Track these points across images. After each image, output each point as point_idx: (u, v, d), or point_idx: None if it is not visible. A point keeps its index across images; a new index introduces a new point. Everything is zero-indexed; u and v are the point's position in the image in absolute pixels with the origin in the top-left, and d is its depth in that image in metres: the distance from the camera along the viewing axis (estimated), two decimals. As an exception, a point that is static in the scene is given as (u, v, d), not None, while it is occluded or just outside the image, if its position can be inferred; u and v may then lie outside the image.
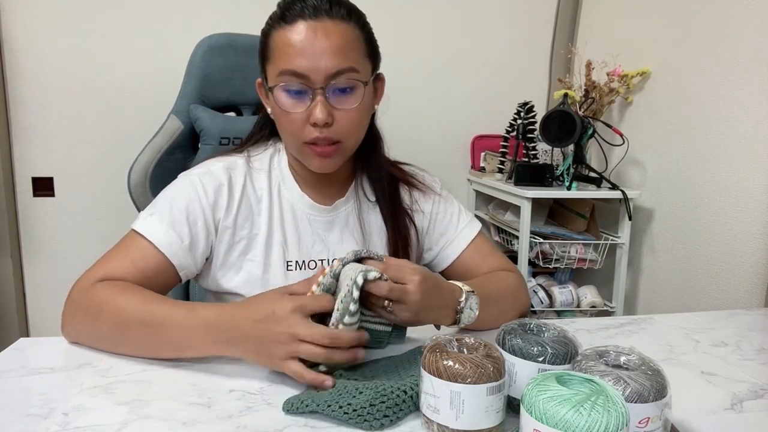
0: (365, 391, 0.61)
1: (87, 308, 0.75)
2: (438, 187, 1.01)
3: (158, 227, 0.81)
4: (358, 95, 0.81)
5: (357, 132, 0.85)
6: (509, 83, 2.11)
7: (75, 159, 1.81)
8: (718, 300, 1.48)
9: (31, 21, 1.73)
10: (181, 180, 0.87)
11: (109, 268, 0.78)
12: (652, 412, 0.50)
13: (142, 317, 0.72)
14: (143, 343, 0.72)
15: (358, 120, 0.84)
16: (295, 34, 0.78)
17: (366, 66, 0.83)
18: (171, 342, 0.71)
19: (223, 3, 1.82)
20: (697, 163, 1.55)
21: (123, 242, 0.82)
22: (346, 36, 0.79)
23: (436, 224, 0.98)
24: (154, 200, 0.86)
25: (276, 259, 0.88)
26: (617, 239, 1.73)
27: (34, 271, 1.85)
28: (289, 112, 0.80)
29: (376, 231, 0.94)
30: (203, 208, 0.84)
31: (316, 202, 0.91)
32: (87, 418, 0.58)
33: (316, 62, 0.77)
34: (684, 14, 1.60)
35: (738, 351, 0.83)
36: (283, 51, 0.79)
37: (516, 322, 0.66)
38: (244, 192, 0.88)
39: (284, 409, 0.61)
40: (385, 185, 0.94)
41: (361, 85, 0.81)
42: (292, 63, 0.78)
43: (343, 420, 0.58)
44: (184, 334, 0.71)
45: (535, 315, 1.78)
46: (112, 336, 0.74)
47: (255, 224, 0.88)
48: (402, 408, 0.60)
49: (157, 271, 0.80)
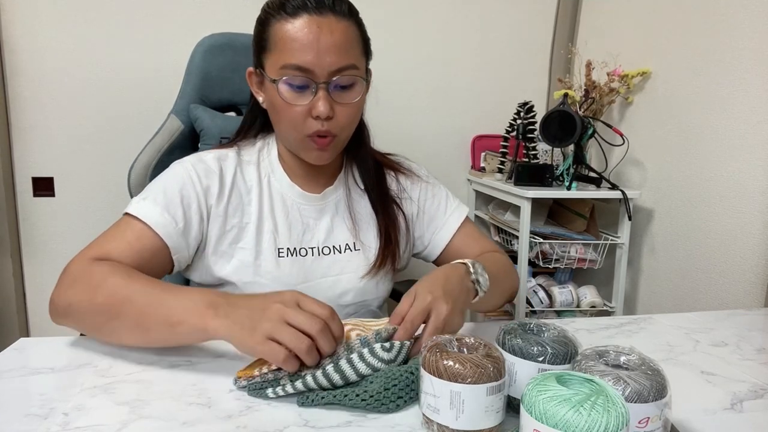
0: (375, 380, 0.63)
1: (86, 281, 0.74)
2: (424, 174, 1.04)
3: (153, 210, 0.81)
4: (358, 91, 0.84)
5: (352, 126, 0.88)
6: (509, 83, 2.11)
7: (75, 159, 1.81)
8: (718, 300, 1.48)
9: (31, 21, 1.72)
10: (173, 167, 0.89)
11: (105, 248, 0.78)
12: (652, 412, 0.50)
13: (143, 290, 0.71)
14: (137, 319, 0.70)
15: (356, 115, 0.86)
16: (299, 27, 0.78)
17: (363, 63, 0.86)
18: (166, 316, 0.69)
19: (223, 3, 1.82)
20: (697, 163, 1.55)
21: (117, 225, 0.82)
22: (347, 33, 0.81)
23: (425, 210, 1.00)
24: (147, 186, 0.86)
25: (267, 246, 0.89)
26: (617, 239, 1.73)
27: (34, 271, 1.85)
28: (291, 104, 0.81)
29: (365, 218, 0.96)
30: (197, 192, 0.85)
31: (305, 191, 0.92)
32: (87, 418, 0.58)
33: (321, 58, 0.78)
34: (684, 14, 1.60)
35: (738, 351, 0.83)
36: (286, 44, 0.79)
37: (516, 322, 0.66)
38: (234, 182, 0.89)
39: (299, 403, 0.62)
40: (373, 173, 0.97)
41: (361, 81, 0.83)
42: (297, 58, 0.78)
43: (361, 406, 0.61)
44: (179, 306, 0.69)
45: (535, 315, 1.78)
46: (107, 310, 0.71)
47: (245, 213, 0.89)
48: (413, 388, 0.63)
49: (152, 252, 0.80)
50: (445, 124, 2.08)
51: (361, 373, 0.64)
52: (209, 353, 0.75)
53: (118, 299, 0.71)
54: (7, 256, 1.78)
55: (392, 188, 0.99)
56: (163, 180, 0.86)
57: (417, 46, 2.00)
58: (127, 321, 0.71)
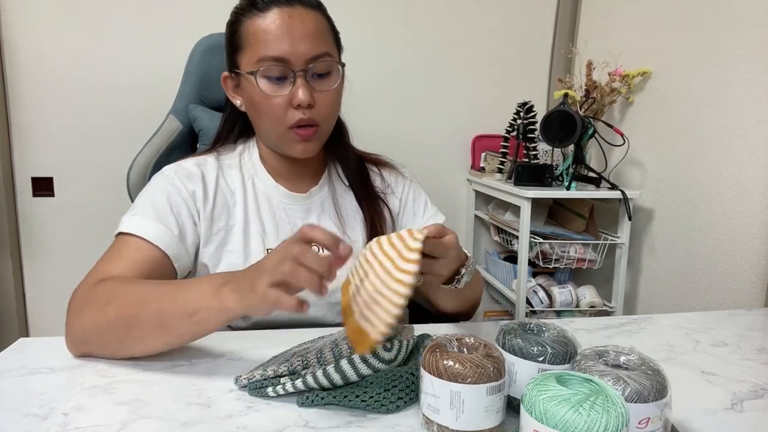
0: (376, 381, 0.63)
1: (94, 302, 0.71)
2: (408, 174, 1.05)
3: (145, 223, 0.81)
4: (335, 77, 0.85)
5: (333, 115, 0.89)
6: (509, 83, 2.11)
7: (75, 159, 1.81)
8: (718, 300, 1.48)
9: (31, 21, 1.72)
10: (155, 179, 0.89)
11: (106, 270, 0.77)
12: (652, 412, 0.50)
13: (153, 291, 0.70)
14: (154, 319, 0.68)
15: (336, 103, 0.87)
16: (271, 20, 0.80)
17: (336, 53, 0.87)
18: (182, 308, 0.66)
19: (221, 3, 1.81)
20: (697, 163, 1.55)
21: (113, 247, 0.81)
22: (318, 23, 0.83)
23: (406, 210, 1.02)
24: (133, 204, 0.86)
25: (255, 248, 0.88)
26: (617, 239, 1.73)
27: (34, 271, 1.85)
28: (271, 96, 0.81)
29: (351, 213, 0.96)
30: (183, 198, 0.85)
31: (291, 192, 0.93)
32: (87, 418, 0.58)
33: (296, 47, 0.79)
34: (684, 14, 1.60)
35: (738, 351, 0.83)
36: (259, 38, 0.80)
37: (516, 322, 0.66)
38: (217, 185, 0.89)
39: (299, 403, 0.62)
40: (356, 169, 0.98)
41: (337, 68, 0.85)
42: (273, 49, 0.79)
43: (361, 407, 0.61)
44: (192, 295, 0.67)
45: (535, 315, 1.78)
46: (123, 321, 0.69)
47: (231, 216, 0.89)
48: (413, 389, 0.63)
49: (153, 264, 0.79)
50: (445, 124, 2.08)
51: (361, 374, 0.63)
52: (209, 353, 0.75)
53: (131, 307, 0.69)
54: (6, 256, 1.78)
55: (377, 184, 1.00)
56: (149, 193, 0.86)
57: (417, 47, 2.00)
58: (147, 325, 0.68)
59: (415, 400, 0.62)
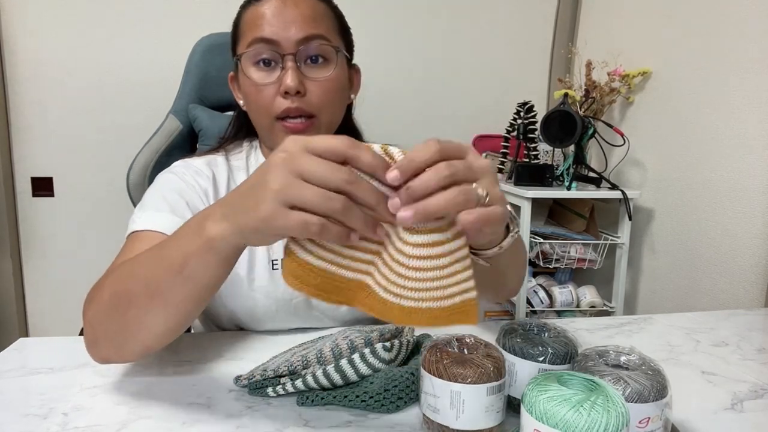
0: (376, 381, 0.63)
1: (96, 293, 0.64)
2: None
3: (158, 216, 0.75)
4: (331, 65, 0.79)
5: (331, 107, 0.81)
6: (509, 83, 2.11)
7: (74, 159, 1.81)
8: (718, 300, 1.48)
9: (31, 21, 1.72)
10: (162, 176, 0.84)
11: None
12: (653, 412, 0.50)
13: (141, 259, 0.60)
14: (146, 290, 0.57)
15: (333, 92, 0.80)
16: (266, 6, 0.78)
17: (338, 40, 0.81)
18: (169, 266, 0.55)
19: (221, 3, 1.82)
20: (697, 163, 1.55)
21: (126, 246, 0.73)
22: (314, 7, 0.79)
23: None
24: (141, 202, 0.80)
25: (261, 258, 0.84)
26: (617, 239, 1.73)
27: (34, 271, 1.84)
28: (259, 83, 0.78)
29: None
30: (196, 192, 0.82)
31: None
32: (87, 418, 0.58)
33: (286, 28, 0.76)
34: (684, 14, 1.60)
35: (738, 351, 0.83)
36: (252, 24, 0.78)
37: (516, 322, 0.66)
38: (229, 188, 0.85)
39: (299, 403, 0.62)
40: None
41: (333, 54, 0.80)
42: (261, 30, 0.77)
43: (361, 407, 0.61)
44: (175, 247, 0.56)
45: (535, 315, 1.78)
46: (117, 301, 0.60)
47: None
48: (413, 389, 0.62)
49: None
50: (446, 125, 2.08)
51: (361, 374, 0.63)
52: (209, 353, 0.75)
53: (121, 282, 0.60)
54: (6, 256, 1.78)
55: None
56: (157, 188, 0.81)
57: (417, 47, 2.00)
58: (140, 298, 0.57)
59: (415, 400, 0.62)
